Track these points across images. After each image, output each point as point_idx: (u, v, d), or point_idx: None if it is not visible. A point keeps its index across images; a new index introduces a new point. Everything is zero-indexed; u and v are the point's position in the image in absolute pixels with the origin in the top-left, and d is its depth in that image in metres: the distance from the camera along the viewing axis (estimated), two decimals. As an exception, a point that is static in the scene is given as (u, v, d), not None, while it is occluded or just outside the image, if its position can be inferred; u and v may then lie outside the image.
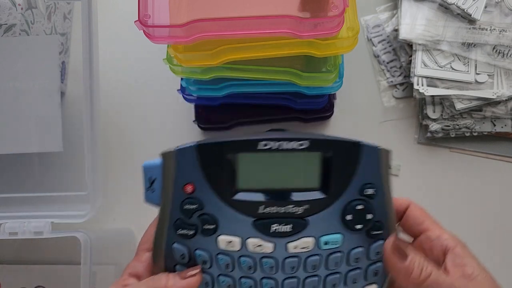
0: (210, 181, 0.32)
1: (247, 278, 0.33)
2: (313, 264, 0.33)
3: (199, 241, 0.33)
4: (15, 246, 0.57)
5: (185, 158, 0.33)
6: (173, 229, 0.33)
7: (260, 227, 0.32)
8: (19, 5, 0.50)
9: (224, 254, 0.33)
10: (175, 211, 0.33)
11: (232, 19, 0.41)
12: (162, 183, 0.33)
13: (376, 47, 0.59)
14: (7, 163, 0.56)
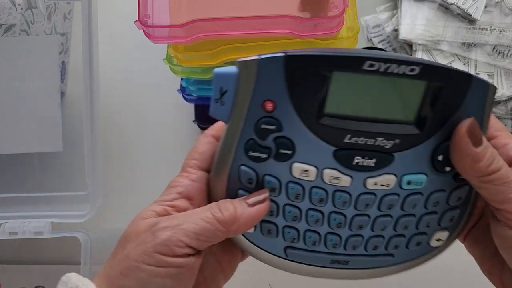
0: (294, 100, 0.28)
1: (315, 211, 0.31)
2: (389, 204, 0.30)
3: (271, 166, 0.29)
4: (15, 246, 0.57)
5: (268, 69, 0.28)
6: (242, 150, 0.29)
7: (341, 158, 0.29)
8: (19, 5, 0.50)
9: (295, 183, 0.30)
10: (248, 130, 0.29)
11: (232, 19, 0.41)
12: (235, 96, 0.29)
13: (376, 47, 0.60)
14: (7, 163, 0.56)
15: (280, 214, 0.31)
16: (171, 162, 0.59)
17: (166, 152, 0.59)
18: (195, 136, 0.59)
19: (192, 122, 0.58)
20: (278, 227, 0.31)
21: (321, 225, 0.31)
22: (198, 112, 0.56)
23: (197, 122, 0.57)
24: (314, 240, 0.32)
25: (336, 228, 0.31)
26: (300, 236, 0.32)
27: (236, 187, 0.30)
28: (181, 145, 0.59)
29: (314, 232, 0.31)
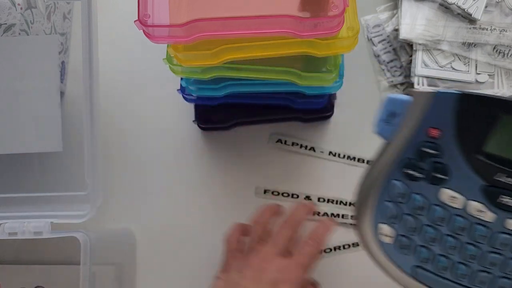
0: (459, 133, 0.31)
1: (453, 238, 0.33)
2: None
3: (422, 186, 0.32)
4: (14, 246, 0.57)
5: (441, 102, 0.32)
6: (399, 166, 0.33)
7: (489, 193, 0.31)
8: (18, 4, 0.50)
9: (441, 207, 0.32)
10: (409, 150, 0.32)
11: (232, 19, 0.41)
12: (403, 119, 0.33)
13: (376, 47, 0.59)
14: (7, 163, 0.56)
15: (419, 233, 0.33)
16: (171, 162, 0.59)
17: (166, 152, 0.59)
18: (195, 135, 0.59)
19: (192, 122, 0.58)
20: (414, 245, 0.34)
21: (455, 253, 0.33)
22: (198, 112, 0.57)
23: (197, 122, 0.57)
24: (444, 266, 0.34)
25: (469, 259, 0.33)
26: (432, 258, 0.34)
27: (384, 198, 0.34)
28: (181, 145, 0.59)
29: (446, 258, 0.34)
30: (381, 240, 0.35)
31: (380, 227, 0.34)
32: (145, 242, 0.58)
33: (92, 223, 0.49)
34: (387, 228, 0.34)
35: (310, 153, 0.58)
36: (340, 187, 0.57)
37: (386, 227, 0.34)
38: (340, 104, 0.58)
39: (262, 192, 0.58)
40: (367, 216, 0.35)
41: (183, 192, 0.58)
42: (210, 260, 0.56)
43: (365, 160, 0.57)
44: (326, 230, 0.50)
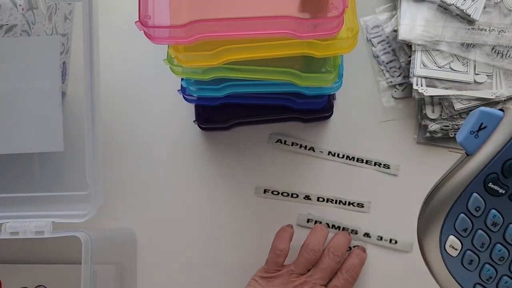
0: None
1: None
2: None
3: (502, 202, 0.32)
4: (16, 245, 0.58)
5: None
6: (481, 180, 0.33)
7: None
8: (20, 5, 0.50)
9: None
10: (494, 165, 0.32)
11: (232, 20, 0.41)
12: (492, 134, 0.33)
13: (375, 48, 0.60)
14: (8, 163, 0.56)
15: (488, 250, 0.33)
16: (172, 162, 0.60)
17: (167, 152, 0.60)
18: (196, 136, 0.60)
19: (192, 122, 0.58)
20: (481, 261, 0.34)
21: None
22: (198, 112, 0.57)
23: (197, 122, 0.57)
24: (508, 287, 0.34)
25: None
26: (496, 277, 0.34)
27: (460, 210, 0.33)
28: (181, 144, 0.60)
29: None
30: (447, 252, 0.34)
31: (448, 238, 0.34)
32: (145, 241, 0.58)
33: (93, 222, 0.49)
34: (455, 240, 0.34)
35: (309, 153, 0.58)
36: (339, 187, 0.57)
37: (455, 240, 0.34)
38: (339, 105, 0.58)
39: (262, 192, 0.58)
40: (436, 226, 0.34)
41: (183, 191, 0.59)
42: (210, 260, 0.57)
43: (364, 160, 0.58)
44: (360, 262, 0.54)
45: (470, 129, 0.33)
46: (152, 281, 0.57)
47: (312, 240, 0.52)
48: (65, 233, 0.47)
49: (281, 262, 0.52)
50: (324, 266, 0.51)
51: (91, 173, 0.47)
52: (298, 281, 0.51)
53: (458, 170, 0.34)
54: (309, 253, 0.51)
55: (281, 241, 0.52)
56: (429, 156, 0.57)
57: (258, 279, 0.51)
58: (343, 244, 0.53)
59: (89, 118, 0.47)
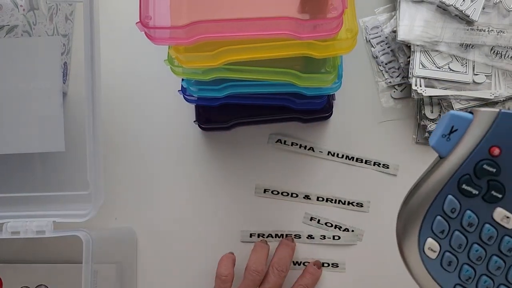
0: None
1: (500, 259, 0.33)
2: None
3: (476, 203, 0.33)
4: (17, 245, 0.58)
5: (505, 122, 0.32)
6: (455, 182, 0.33)
7: None
8: (21, 6, 0.51)
9: (492, 226, 0.33)
10: (466, 167, 0.33)
11: (233, 21, 0.41)
12: (464, 136, 0.33)
13: (374, 48, 0.60)
14: (10, 163, 0.56)
15: (465, 250, 0.34)
16: (172, 162, 0.60)
17: (167, 152, 0.60)
18: (196, 136, 0.60)
19: (192, 123, 0.58)
20: (459, 262, 0.34)
21: (500, 274, 0.34)
22: (198, 112, 0.57)
23: (198, 122, 0.58)
24: (488, 286, 0.34)
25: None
26: (475, 278, 0.34)
27: (436, 212, 0.34)
28: (182, 145, 0.60)
29: (490, 279, 0.34)
30: (426, 254, 0.35)
31: (427, 241, 0.34)
32: (146, 241, 0.58)
33: (94, 222, 0.49)
34: (433, 242, 0.34)
35: (309, 152, 0.58)
36: (339, 187, 0.58)
37: (433, 242, 0.34)
38: (339, 105, 0.59)
39: (262, 192, 0.58)
40: (414, 229, 0.34)
41: (184, 191, 0.59)
42: (210, 259, 0.57)
43: (364, 160, 0.58)
44: (314, 280, 0.54)
45: (442, 132, 0.34)
46: (152, 280, 0.58)
47: (254, 261, 0.53)
48: (66, 232, 0.47)
49: (228, 287, 0.52)
50: (270, 285, 0.52)
51: (92, 173, 0.47)
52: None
53: (433, 173, 0.34)
54: (253, 274, 0.52)
55: (225, 268, 0.52)
56: (428, 156, 0.57)
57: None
58: (286, 257, 0.54)
59: (90, 118, 0.47)
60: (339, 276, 0.56)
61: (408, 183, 0.57)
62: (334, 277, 0.56)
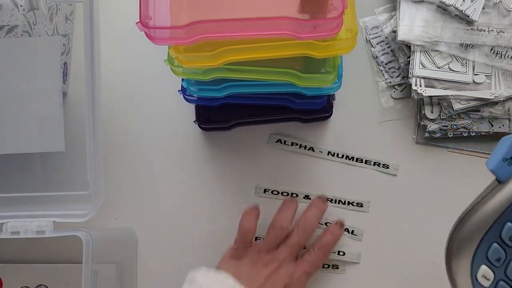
0: None
1: None
2: None
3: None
4: (17, 245, 0.58)
5: None
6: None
7: None
8: (21, 6, 0.51)
9: None
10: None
11: (233, 21, 0.41)
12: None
13: (374, 48, 0.60)
14: (10, 163, 0.56)
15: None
16: (172, 162, 0.60)
17: (167, 151, 0.60)
18: (196, 135, 0.60)
19: (192, 122, 0.58)
20: None
21: None
22: (198, 112, 0.57)
23: (198, 122, 0.58)
24: None
25: None
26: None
27: (493, 239, 0.33)
28: (181, 144, 0.60)
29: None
30: (478, 282, 0.33)
31: (480, 268, 0.33)
32: (146, 241, 0.58)
33: (94, 222, 0.49)
34: (488, 270, 0.33)
35: (309, 152, 0.58)
36: (338, 187, 0.58)
37: (487, 270, 0.33)
38: (339, 105, 0.59)
39: (262, 191, 0.58)
40: (467, 255, 0.33)
41: (184, 191, 0.59)
42: (210, 259, 0.57)
43: (364, 160, 0.58)
44: (334, 239, 0.54)
45: (503, 156, 0.33)
46: (152, 280, 0.58)
47: (280, 217, 0.53)
48: (66, 232, 0.47)
49: (249, 240, 0.52)
50: (292, 243, 0.52)
51: (92, 173, 0.47)
52: (267, 259, 0.51)
53: (491, 198, 0.33)
54: (277, 230, 0.52)
55: (247, 221, 0.52)
56: (428, 156, 0.58)
57: (228, 259, 0.52)
58: (313, 219, 0.54)
59: (90, 118, 0.47)
60: (339, 277, 0.56)
61: (408, 183, 0.57)
62: (334, 278, 0.56)
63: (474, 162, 0.57)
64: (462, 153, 0.57)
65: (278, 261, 0.51)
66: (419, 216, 0.56)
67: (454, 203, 0.56)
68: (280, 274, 0.50)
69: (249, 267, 0.50)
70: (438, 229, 0.56)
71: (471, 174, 0.57)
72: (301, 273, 0.51)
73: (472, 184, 0.56)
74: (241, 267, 0.51)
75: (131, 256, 0.57)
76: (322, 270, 0.56)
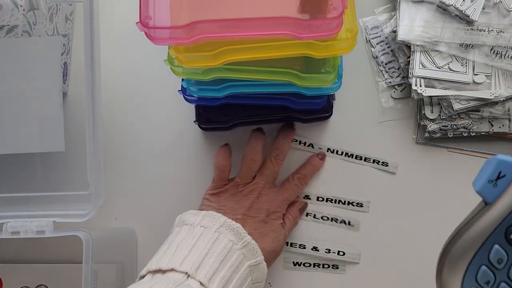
0: None
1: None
2: None
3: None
4: (17, 245, 0.58)
5: None
6: (503, 231, 0.32)
7: None
8: (21, 6, 0.51)
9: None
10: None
11: (233, 21, 0.41)
12: (511, 183, 0.32)
13: (374, 48, 0.60)
14: (10, 163, 0.56)
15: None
16: (172, 162, 0.60)
17: (167, 151, 0.60)
18: (196, 135, 0.60)
19: (192, 122, 0.58)
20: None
21: None
22: (198, 113, 0.57)
23: (198, 122, 0.58)
24: None
25: None
26: None
27: (481, 261, 0.32)
28: (182, 145, 0.60)
29: None
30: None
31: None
32: (146, 240, 0.58)
33: (94, 222, 0.50)
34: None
35: (309, 149, 0.58)
36: (338, 185, 0.58)
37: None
38: (339, 105, 0.59)
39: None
40: (457, 277, 0.33)
41: (184, 191, 0.59)
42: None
43: (363, 157, 0.58)
44: (313, 170, 0.57)
45: (488, 177, 0.32)
46: (153, 280, 0.58)
47: (250, 150, 0.54)
48: (66, 232, 0.47)
49: (226, 176, 0.54)
50: (268, 172, 0.54)
51: (92, 173, 0.47)
52: (246, 190, 0.53)
53: (477, 220, 0.33)
54: (249, 163, 0.54)
55: (222, 158, 0.54)
56: (428, 156, 0.58)
57: (208, 197, 0.53)
58: (284, 146, 0.56)
59: (90, 118, 0.47)
60: (339, 277, 0.56)
61: (408, 183, 0.57)
62: (334, 278, 0.56)
63: (474, 162, 0.57)
64: (462, 153, 0.57)
65: (257, 190, 0.53)
66: (419, 216, 0.56)
67: (454, 203, 0.56)
68: (261, 201, 0.52)
69: (231, 201, 0.52)
70: (438, 229, 0.56)
71: (471, 174, 0.56)
72: (282, 199, 0.54)
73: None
74: (223, 202, 0.52)
75: (131, 256, 0.57)
76: (322, 270, 0.56)
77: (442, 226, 0.56)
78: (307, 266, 0.56)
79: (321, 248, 0.56)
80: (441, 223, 0.56)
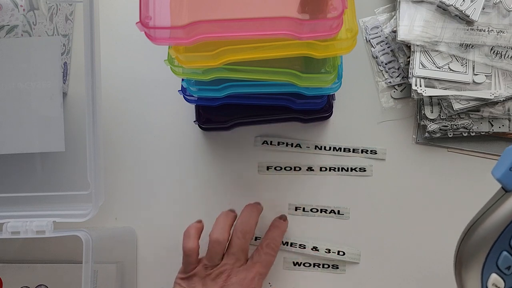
0: None
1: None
2: None
3: None
4: (17, 245, 0.58)
5: None
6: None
7: None
8: (21, 6, 0.51)
9: None
10: None
11: (233, 21, 0.41)
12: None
13: (374, 48, 0.60)
14: (10, 163, 0.56)
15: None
16: (172, 162, 0.60)
17: (167, 151, 0.60)
18: (196, 136, 0.60)
19: (192, 122, 0.58)
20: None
21: None
22: (198, 113, 0.57)
23: (198, 122, 0.58)
24: None
25: None
26: None
27: (502, 247, 0.33)
28: (182, 145, 0.60)
29: None
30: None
31: (491, 276, 0.33)
32: (146, 240, 0.58)
33: (94, 222, 0.50)
34: (498, 278, 0.33)
35: (296, 149, 0.58)
36: (340, 183, 0.58)
37: (497, 278, 0.33)
38: (339, 105, 0.59)
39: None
40: (477, 264, 0.33)
41: (183, 191, 0.59)
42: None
43: (351, 149, 0.58)
44: (280, 233, 0.54)
45: (510, 165, 0.33)
46: (152, 280, 0.58)
47: (215, 231, 0.52)
48: (66, 232, 0.47)
49: (194, 260, 0.52)
50: (235, 250, 0.51)
51: (92, 172, 0.47)
52: (215, 273, 0.51)
53: (498, 206, 0.33)
54: (214, 244, 0.51)
55: (187, 241, 0.52)
56: (428, 156, 0.58)
57: (180, 281, 0.52)
58: (250, 221, 0.53)
59: (90, 118, 0.47)
60: (339, 277, 0.56)
61: (408, 183, 0.57)
62: (334, 278, 0.56)
63: (474, 162, 0.57)
64: (462, 153, 0.57)
65: (227, 271, 0.51)
66: (419, 216, 0.56)
67: (454, 203, 0.56)
68: (232, 283, 0.50)
69: (200, 285, 0.50)
70: (438, 229, 0.56)
71: (471, 174, 0.57)
72: (253, 276, 0.51)
73: (472, 184, 0.57)
74: (194, 285, 0.51)
75: (131, 256, 0.57)
76: (322, 270, 0.56)
77: (442, 225, 0.56)
78: (307, 266, 0.56)
79: (321, 248, 0.56)
80: (441, 222, 0.56)
